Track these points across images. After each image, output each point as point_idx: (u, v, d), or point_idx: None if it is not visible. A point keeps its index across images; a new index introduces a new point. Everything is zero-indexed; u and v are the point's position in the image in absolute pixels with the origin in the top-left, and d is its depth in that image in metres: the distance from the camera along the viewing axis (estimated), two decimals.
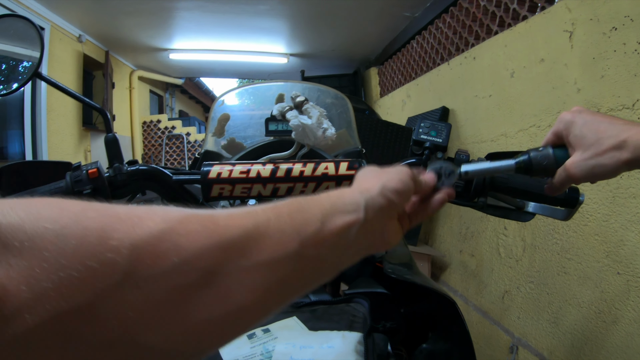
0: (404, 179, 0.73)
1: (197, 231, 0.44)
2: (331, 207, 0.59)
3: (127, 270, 0.38)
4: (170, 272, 0.40)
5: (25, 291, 0.33)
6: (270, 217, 0.51)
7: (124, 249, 0.38)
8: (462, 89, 4.29)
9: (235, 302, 0.45)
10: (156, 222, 0.42)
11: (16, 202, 0.38)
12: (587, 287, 2.49)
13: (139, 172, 1.12)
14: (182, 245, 0.42)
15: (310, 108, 1.06)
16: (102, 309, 0.36)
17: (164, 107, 11.65)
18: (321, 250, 0.55)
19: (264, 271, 0.48)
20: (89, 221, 0.39)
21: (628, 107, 2.21)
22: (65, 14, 5.80)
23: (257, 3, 5.46)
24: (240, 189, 1.03)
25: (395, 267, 1.34)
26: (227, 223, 0.47)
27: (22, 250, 0.35)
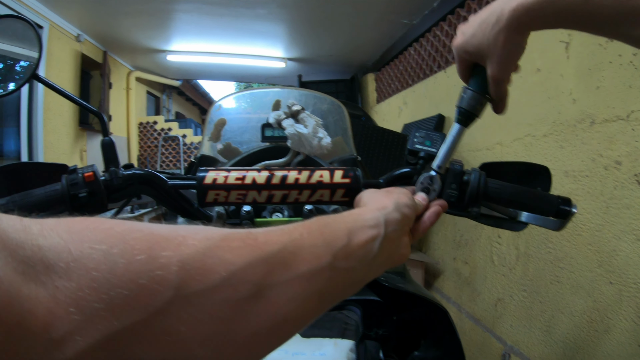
0: (410, 197, 0.83)
1: (240, 247, 0.46)
2: (354, 223, 0.64)
3: (178, 286, 0.39)
4: (220, 286, 0.42)
5: (75, 313, 0.34)
6: (303, 232, 0.55)
7: (173, 266, 0.39)
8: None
9: (280, 313, 0.47)
10: (200, 240, 0.43)
11: (56, 223, 0.38)
12: (580, 296, 2.50)
13: (134, 177, 1.13)
14: (229, 260, 0.44)
15: (306, 117, 1.06)
16: (155, 326, 0.37)
17: (160, 108, 11.65)
18: (351, 262, 0.59)
19: (304, 282, 0.51)
20: (135, 241, 0.39)
21: (623, 119, 2.21)
22: (64, 13, 5.79)
23: (255, 7, 5.47)
24: (236, 195, 1.04)
25: (388, 275, 1.35)
26: (266, 239, 0.50)
27: (69, 271, 0.35)
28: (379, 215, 0.70)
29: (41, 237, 0.36)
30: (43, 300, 0.33)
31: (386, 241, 0.68)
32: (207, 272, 0.41)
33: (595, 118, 2.41)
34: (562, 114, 2.69)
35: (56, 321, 0.33)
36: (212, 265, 0.42)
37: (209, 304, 0.41)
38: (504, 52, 0.90)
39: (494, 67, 0.93)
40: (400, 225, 0.74)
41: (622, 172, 2.23)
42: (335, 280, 0.56)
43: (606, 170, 2.33)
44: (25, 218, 0.37)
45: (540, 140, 2.91)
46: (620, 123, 2.24)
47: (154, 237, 0.41)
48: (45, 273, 0.34)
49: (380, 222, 0.68)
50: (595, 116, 2.41)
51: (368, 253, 0.63)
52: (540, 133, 2.91)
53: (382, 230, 0.67)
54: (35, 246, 0.35)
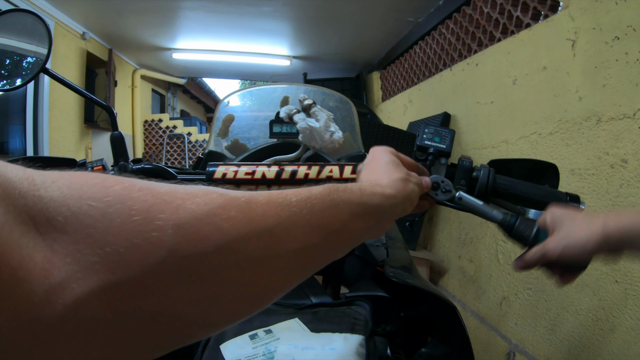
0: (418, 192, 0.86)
1: (236, 217, 0.46)
2: (360, 207, 0.66)
3: (171, 248, 0.39)
4: (212, 253, 0.42)
5: (71, 263, 0.35)
6: (304, 210, 0.55)
7: (168, 229, 0.40)
8: (464, 95, 4.31)
9: (264, 283, 0.50)
10: (199, 205, 0.44)
11: (58, 176, 0.39)
12: (585, 295, 2.49)
13: (143, 170, 1.13)
14: (224, 229, 0.44)
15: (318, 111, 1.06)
16: (147, 283, 0.38)
17: (165, 106, 11.63)
18: (338, 244, 0.62)
19: (291, 258, 0.52)
20: (134, 201, 0.40)
21: (629, 117, 2.21)
22: (69, 11, 5.79)
23: (261, 5, 5.46)
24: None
25: (396, 270, 1.35)
26: (264, 211, 0.50)
27: (66, 225, 0.36)
28: (386, 204, 0.73)
29: (42, 188, 0.37)
30: (41, 249, 0.34)
31: (380, 225, 0.72)
32: (202, 238, 0.42)
33: (602, 116, 2.40)
34: (568, 112, 2.69)
35: (54, 268, 0.34)
36: (208, 232, 0.43)
37: (200, 268, 0.42)
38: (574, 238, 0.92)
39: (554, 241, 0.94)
40: (399, 214, 0.79)
41: (628, 170, 2.22)
42: (319, 257, 0.59)
43: (612, 168, 2.32)
44: (29, 168, 0.38)
45: (546, 138, 2.90)
46: (626, 121, 2.24)
47: (153, 198, 0.42)
48: (44, 224, 0.35)
49: (382, 213, 0.72)
50: (602, 114, 2.41)
51: (357, 237, 0.67)
52: (546, 131, 2.91)
53: (379, 219, 0.71)
54: (36, 197, 0.36)
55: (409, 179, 0.83)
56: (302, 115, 1.06)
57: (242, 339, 1.03)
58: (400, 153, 0.94)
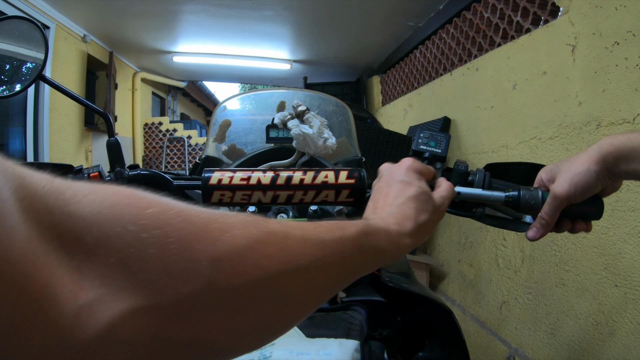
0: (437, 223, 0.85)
1: (274, 255, 0.47)
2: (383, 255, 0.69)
3: (208, 280, 0.39)
4: (249, 288, 0.43)
5: (100, 286, 0.34)
6: (335, 251, 0.57)
7: (205, 262, 0.40)
8: (464, 100, 4.31)
9: (293, 315, 0.52)
10: (237, 238, 0.44)
11: (90, 191, 0.38)
12: (585, 299, 2.49)
13: (140, 177, 1.13)
14: (262, 266, 0.45)
15: (311, 118, 1.06)
16: (181, 311, 0.38)
17: (165, 109, 11.64)
18: (352, 280, 0.63)
19: (318, 294, 0.55)
20: (170, 227, 0.39)
21: (629, 122, 2.21)
22: (70, 14, 5.80)
23: (262, 8, 5.46)
24: (241, 196, 1.04)
25: (392, 275, 1.35)
26: (302, 249, 0.51)
27: (96, 247, 0.35)
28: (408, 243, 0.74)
29: (72, 204, 0.35)
30: (68, 269, 0.33)
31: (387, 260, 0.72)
32: (240, 273, 0.42)
33: (601, 121, 2.40)
34: (568, 117, 2.69)
35: (82, 290, 0.33)
36: (245, 268, 0.43)
37: (236, 300, 0.42)
38: (574, 170, 0.94)
39: (559, 182, 0.95)
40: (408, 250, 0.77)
41: None
42: (336, 291, 0.60)
43: None
44: (57, 179, 0.36)
45: (546, 143, 2.90)
46: (626, 126, 2.23)
47: (190, 225, 0.41)
48: (72, 243, 0.34)
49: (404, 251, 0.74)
50: (601, 119, 2.41)
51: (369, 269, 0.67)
52: (546, 136, 2.91)
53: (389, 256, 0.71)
54: (65, 214, 0.34)
55: (434, 218, 0.82)
56: (296, 122, 1.05)
57: None
58: (419, 162, 0.90)
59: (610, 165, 0.91)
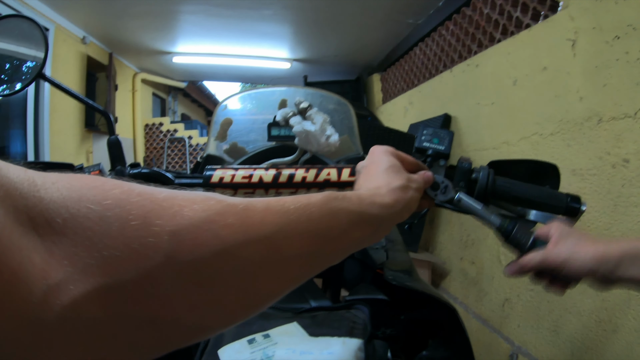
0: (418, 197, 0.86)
1: (234, 224, 0.47)
2: (358, 216, 0.67)
3: (168, 254, 0.40)
4: (210, 259, 0.43)
5: (68, 265, 0.35)
6: (302, 217, 0.56)
7: (165, 235, 0.41)
8: (465, 97, 4.30)
9: (261, 288, 0.51)
10: (196, 212, 0.44)
11: (58, 177, 0.40)
12: (588, 296, 2.48)
13: (141, 175, 1.12)
14: (222, 236, 0.45)
15: (314, 114, 1.05)
16: (144, 287, 0.39)
17: (166, 110, 11.63)
18: (336, 251, 0.63)
19: (288, 264, 0.53)
20: (132, 205, 0.41)
21: (630, 116, 2.21)
22: (69, 15, 5.79)
23: (261, 8, 5.46)
24: (242, 194, 1.03)
25: (395, 274, 1.34)
26: (263, 218, 0.51)
27: (65, 227, 0.37)
28: (385, 214, 0.73)
29: (43, 189, 0.38)
30: (40, 250, 0.35)
31: (374, 236, 0.72)
32: (199, 244, 0.43)
33: (603, 116, 2.40)
34: (569, 112, 2.68)
35: (52, 270, 0.35)
36: (205, 239, 0.43)
37: (198, 274, 0.43)
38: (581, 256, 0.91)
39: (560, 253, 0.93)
40: (395, 222, 0.80)
41: (630, 170, 2.22)
42: (317, 262, 0.60)
43: (614, 168, 2.32)
44: (30, 169, 0.39)
45: (547, 139, 2.90)
46: (627, 121, 2.23)
47: (151, 203, 0.42)
48: (43, 226, 0.36)
49: (380, 222, 0.72)
50: (603, 114, 2.40)
51: (353, 246, 0.67)
52: (547, 132, 2.90)
53: (376, 228, 0.71)
54: (36, 198, 0.36)
55: (409, 185, 0.83)
56: (298, 119, 1.05)
57: (240, 343, 1.03)
58: (401, 152, 0.94)
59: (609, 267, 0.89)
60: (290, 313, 1.15)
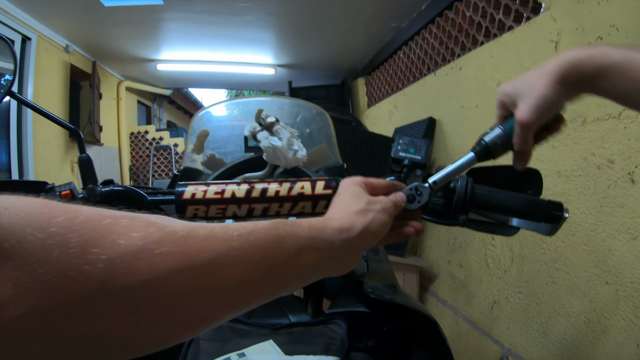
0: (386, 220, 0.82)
1: (169, 253, 0.48)
2: (307, 241, 0.65)
3: (101, 282, 0.42)
4: (141, 287, 0.45)
5: (10, 287, 0.38)
6: (245, 244, 0.56)
7: (100, 263, 0.43)
8: (449, 100, 4.30)
9: (196, 314, 0.52)
10: (133, 240, 0.46)
11: (10, 203, 0.43)
12: (576, 297, 2.48)
13: (113, 193, 1.11)
14: (155, 264, 0.46)
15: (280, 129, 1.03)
16: (78, 310, 0.41)
17: (151, 117, 11.58)
18: (283, 279, 0.62)
19: (227, 292, 0.54)
20: (73, 233, 0.43)
21: (614, 117, 2.20)
22: (52, 24, 5.75)
23: (244, 14, 5.44)
24: (215, 210, 1.01)
25: (375, 286, 1.32)
26: (201, 246, 0.51)
27: (11, 252, 0.39)
28: (337, 239, 0.71)
29: None
30: None
31: (332, 262, 0.70)
32: (132, 273, 0.44)
33: (587, 117, 2.40)
34: None
35: None
36: (138, 268, 0.45)
37: (128, 300, 0.44)
38: (537, 95, 0.89)
39: (522, 108, 0.91)
40: (357, 250, 0.76)
41: (615, 171, 2.21)
42: (262, 291, 0.60)
43: (599, 169, 2.31)
44: None
45: None
46: (612, 121, 2.22)
47: (92, 231, 0.44)
48: None
49: (333, 247, 0.70)
50: (587, 115, 2.40)
51: (306, 274, 0.66)
52: None
53: (332, 254, 0.69)
54: None
55: (369, 208, 0.81)
56: (265, 134, 1.03)
57: None
58: (372, 178, 0.92)
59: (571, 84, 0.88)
60: (267, 329, 1.13)
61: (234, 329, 1.12)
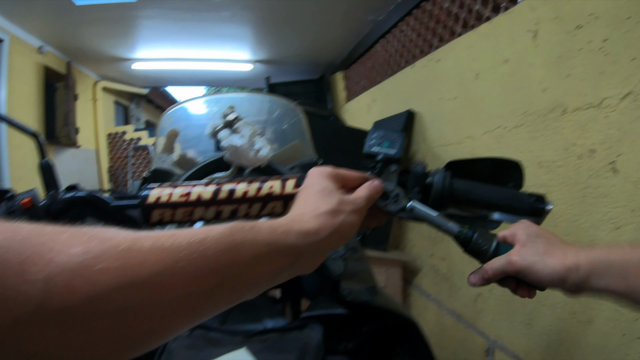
0: (357, 221, 0.79)
1: (111, 268, 0.46)
2: (267, 247, 0.61)
3: (40, 302, 0.40)
4: (83, 305, 0.43)
5: None
6: (194, 254, 0.52)
7: (38, 283, 0.41)
8: (427, 92, 4.28)
9: (143, 329, 0.49)
10: (72, 256, 0.44)
11: None
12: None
13: (76, 199, 1.06)
14: (94, 281, 0.44)
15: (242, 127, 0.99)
16: (18, 332, 0.40)
17: (129, 117, 11.52)
18: (240, 287, 0.58)
19: (175, 305, 0.51)
20: (12, 253, 0.41)
21: (595, 106, 2.18)
22: (25, 25, 5.70)
23: (219, 10, 5.39)
24: (182, 213, 0.97)
25: (352, 287, 1.29)
26: (144, 259, 0.48)
27: None
28: (302, 243, 0.67)
29: None
30: None
31: (297, 266, 0.67)
32: (71, 291, 0.42)
33: (567, 107, 2.38)
34: (533, 104, 2.66)
35: None
36: (76, 285, 0.43)
37: (69, 319, 0.42)
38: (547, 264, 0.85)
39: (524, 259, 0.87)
40: (323, 253, 0.74)
41: (596, 161, 2.19)
42: (217, 302, 0.57)
43: (580, 159, 2.29)
44: None
45: (511, 132, 2.88)
46: (592, 111, 2.20)
47: (31, 248, 0.42)
48: None
49: (298, 253, 0.66)
50: (567, 105, 2.38)
51: (268, 279, 0.63)
52: (511, 124, 2.88)
53: (295, 260, 0.66)
54: None
55: (341, 208, 0.76)
56: (226, 132, 0.98)
57: None
58: (343, 169, 0.88)
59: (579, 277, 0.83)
60: (241, 337, 1.09)
61: (207, 337, 1.09)
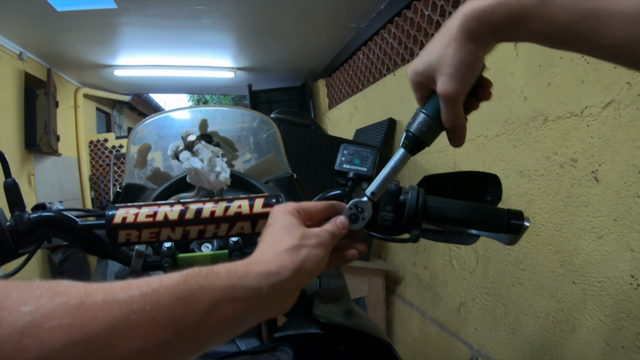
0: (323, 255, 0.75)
1: (61, 326, 0.44)
2: (225, 292, 0.58)
3: None
4: None
5: None
6: (147, 306, 0.51)
7: None
8: (408, 100, 4.27)
9: None
10: (22, 315, 0.43)
11: None
12: (543, 297, 2.47)
13: (42, 220, 1.03)
14: (43, 341, 0.42)
15: (201, 149, 0.96)
16: None
17: (112, 125, 11.44)
18: (199, 337, 0.55)
19: (137, 357, 0.48)
20: None
21: (576, 115, 2.18)
22: (4, 31, 5.64)
23: (200, 17, 5.37)
24: (149, 234, 0.94)
25: (325, 307, 1.25)
26: (95, 314, 0.47)
27: None
28: (264, 284, 0.63)
29: None
30: None
31: (259, 310, 0.64)
32: (20, 352, 0.41)
33: (548, 115, 2.38)
34: (514, 113, 2.66)
35: None
36: (26, 345, 0.42)
37: None
38: (453, 62, 0.79)
39: (442, 81, 0.82)
40: (289, 293, 0.70)
41: (578, 170, 2.19)
42: (176, 353, 0.54)
43: (562, 168, 2.29)
44: None
45: (492, 141, 2.87)
46: (574, 119, 2.20)
47: None
48: None
49: (259, 294, 0.63)
50: (548, 113, 2.38)
51: (230, 326, 0.60)
52: (492, 133, 2.87)
53: (257, 301, 0.62)
54: None
55: (303, 243, 0.73)
56: (186, 154, 0.96)
57: None
58: (306, 202, 0.85)
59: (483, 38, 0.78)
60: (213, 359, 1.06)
61: None
